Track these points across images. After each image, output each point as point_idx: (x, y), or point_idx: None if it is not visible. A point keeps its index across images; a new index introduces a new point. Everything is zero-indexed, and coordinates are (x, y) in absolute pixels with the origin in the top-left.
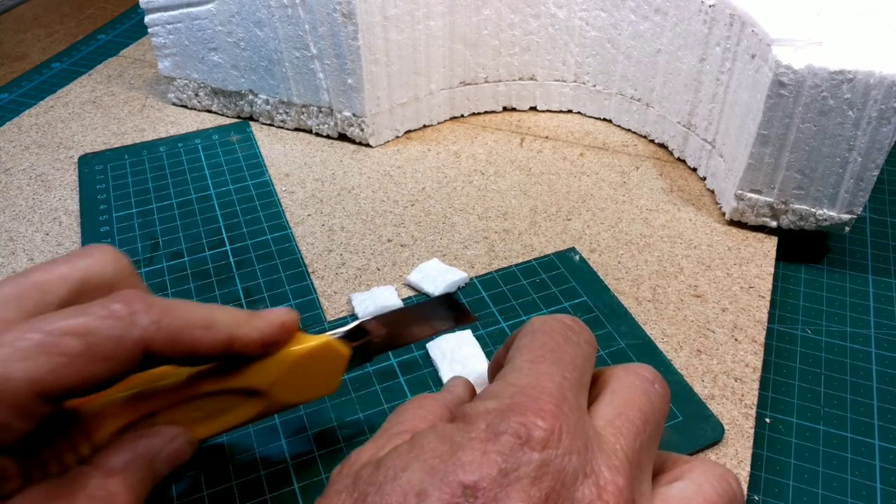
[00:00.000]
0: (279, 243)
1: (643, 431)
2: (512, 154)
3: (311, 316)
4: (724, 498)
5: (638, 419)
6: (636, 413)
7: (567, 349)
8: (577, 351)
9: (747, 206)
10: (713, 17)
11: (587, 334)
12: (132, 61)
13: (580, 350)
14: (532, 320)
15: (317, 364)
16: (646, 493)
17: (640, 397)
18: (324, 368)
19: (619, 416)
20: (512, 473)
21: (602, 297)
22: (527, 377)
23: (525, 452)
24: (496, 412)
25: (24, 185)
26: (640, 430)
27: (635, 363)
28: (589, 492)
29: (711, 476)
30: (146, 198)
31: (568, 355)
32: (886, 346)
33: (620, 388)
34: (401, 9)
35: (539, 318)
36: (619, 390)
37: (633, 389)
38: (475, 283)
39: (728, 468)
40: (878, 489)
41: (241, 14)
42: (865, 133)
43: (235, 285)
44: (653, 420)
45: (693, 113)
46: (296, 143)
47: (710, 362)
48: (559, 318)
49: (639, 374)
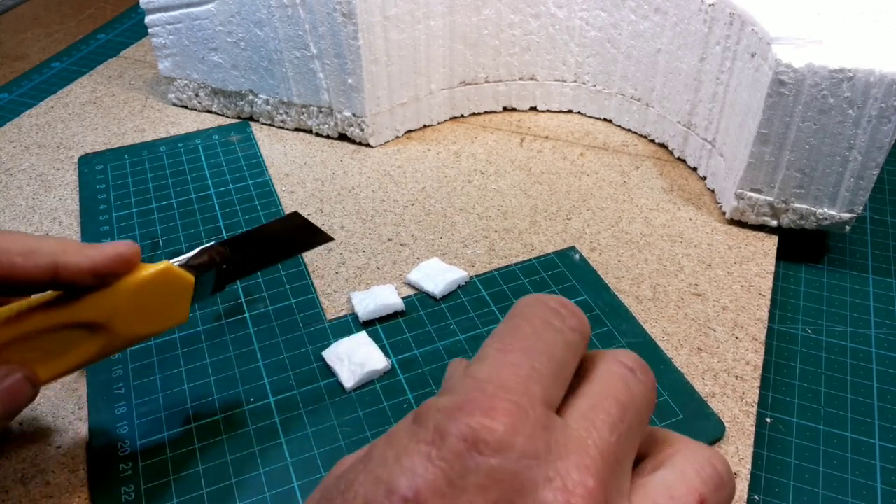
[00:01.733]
0: None
1: (620, 423)
2: (512, 154)
3: (312, 315)
4: (709, 485)
5: (614, 410)
6: (612, 403)
7: (545, 335)
8: (558, 338)
9: (748, 205)
10: (713, 16)
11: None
12: (132, 61)
13: (562, 337)
14: (518, 301)
15: (159, 293)
16: (623, 490)
17: (618, 386)
18: (168, 298)
19: (593, 408)
20: (458, 482)
21: (602, 295)
22: (488, 369)
23: (473, 458)
24: (445, 411)
25: (24, 185)
26: (616, 421)
27: (617, 349)
28: (553, 497)
29: (695, 461)
30: (146, 197)
31: (544, 342)
32: (886, 345)
33: (597, 376)
34: (401, 9)
35: (525, 298)
36: (596, 379)
37: (610, 378)
38: (475, 281)
39: (714, 449)
40: (879, 489)
41: (241, 14)
42: (866, 131)
43: (235, 284)
44: (632, 410)
45: (693, 112)
46: (296, 143)
47: (711, 360)
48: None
49: (618, 360)
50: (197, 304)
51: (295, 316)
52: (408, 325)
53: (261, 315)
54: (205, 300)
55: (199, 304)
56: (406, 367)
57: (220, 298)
